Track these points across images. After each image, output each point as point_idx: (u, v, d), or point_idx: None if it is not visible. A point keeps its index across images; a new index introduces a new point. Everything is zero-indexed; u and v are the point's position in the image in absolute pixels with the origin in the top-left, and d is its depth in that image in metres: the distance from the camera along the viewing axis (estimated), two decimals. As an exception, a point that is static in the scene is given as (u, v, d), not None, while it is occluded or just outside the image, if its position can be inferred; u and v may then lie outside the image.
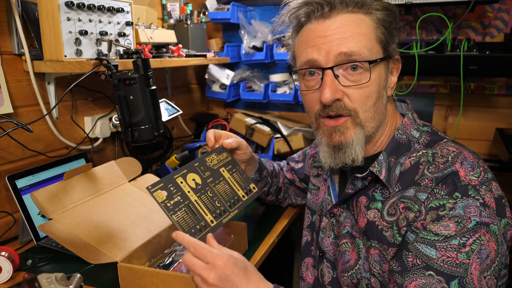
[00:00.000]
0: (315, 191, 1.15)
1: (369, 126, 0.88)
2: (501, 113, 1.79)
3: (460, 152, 0.85)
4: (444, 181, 0.81)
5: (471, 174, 0.81)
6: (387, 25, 0.88)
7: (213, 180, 1.00)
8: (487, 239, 0.76)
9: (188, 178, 0.95)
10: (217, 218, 0.93)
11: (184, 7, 1.94)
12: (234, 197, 1.01)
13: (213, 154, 1.06)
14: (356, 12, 0.87)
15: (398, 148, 0.91)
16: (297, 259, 2.03)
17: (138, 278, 0.96)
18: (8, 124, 1.17)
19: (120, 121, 1.09)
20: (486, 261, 0.76)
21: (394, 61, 0.93)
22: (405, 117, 0.94)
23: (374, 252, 0.88)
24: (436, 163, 0.84)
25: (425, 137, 0.91)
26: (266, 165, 1.31)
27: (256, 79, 2.10)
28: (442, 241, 0.77)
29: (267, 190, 1.34)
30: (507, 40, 1.68)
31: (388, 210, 0.88)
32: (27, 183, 1.26)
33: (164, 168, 1.67)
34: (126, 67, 1.20)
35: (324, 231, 1.04)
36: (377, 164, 0.90)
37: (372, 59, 0.85)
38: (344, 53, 0.84)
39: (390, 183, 0.88)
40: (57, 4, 1.14)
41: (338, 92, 0.86)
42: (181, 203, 0.89)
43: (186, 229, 0.86)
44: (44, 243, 1.23)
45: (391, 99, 0.95)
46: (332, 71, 0.85)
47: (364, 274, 0.91)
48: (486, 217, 0.77)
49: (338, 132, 0.88)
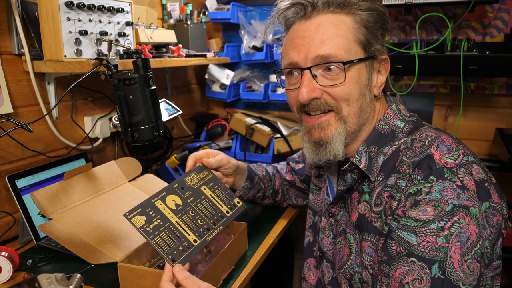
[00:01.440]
0: (317, 191, 1.15)
1: (351, 122, 0.90)
2: (501, 113, 1.79)
3: (438, 137, 0.86)
4: (419, 166, 0.81)
5: (446, 157, 0.81)
6: (370, 26, 0.89)
7: (194, 199, 1.00)
8: (466, 222, 0.76)
9: (167, 200, 0.96)
10: (201, 237, 0.93)
11: (184, 7, 1.94)
12: (217, 214, 1.01)
13: (193, 174, 1.06)
14: (338, 13, 0.89)
15: (380, 138, 0.92)
16: (297, 259, 2.03)
17: (138, 278, 0.96)
18: (8, 124, 1.17)
19: (120, 121, 1.09)
20: (466, 244, 0.75)
21: (380, 61, 0.93)
22: (388, 109, 0.95)
23: (365, 245, 0.89)
24: (413, 148, 0.86)
25: (408, 126, 0.93)
26: (257, 171, 1.32)
27: (256, 79, 2.10)
28: (421, 226, 0.77)
29: (262, 195, 1.35)
30: (507, 40, 1.68)
31: (375, 201, 0.89)
32: (27, 183, 1.26)
33: (164, 168, 1.67)
34: (126, 67, 1.20)
35: (323, 231, 1.04)
36: (356, 155, 0.92)
37: (349, 60, 0.87)
38: (321, 56, 0.87)
39: (370, 171, 0.90)
40: (57, 4, 1.14)
41: (316, 91, 0.89)
42: (161, 226, 0.89)
43: (168, 252, 0.85)
44: (44, 243, 1.23)
45: (380, 98, 0.95)
46: (310, 71, 0.89)
47: (356, 269, 0.91)
48: (465, 200, 0.77)
49: (318, 129, 0.91)
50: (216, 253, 1.04)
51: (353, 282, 0.92)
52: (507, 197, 1.69)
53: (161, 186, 1.30)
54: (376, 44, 0.91)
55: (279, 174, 1.40)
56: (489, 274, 0.83)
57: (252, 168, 1.32)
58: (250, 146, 1.97)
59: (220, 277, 1.04)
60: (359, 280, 0.91)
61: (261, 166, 1.38)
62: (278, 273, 1.92)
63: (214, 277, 1.00)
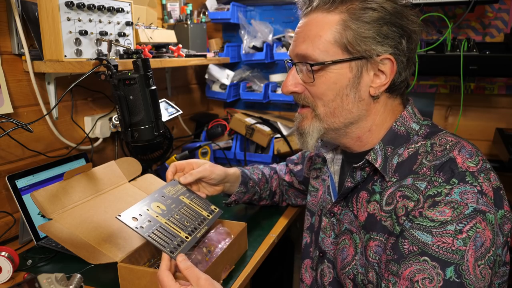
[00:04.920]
0: (315, 193, 1.15)
1: (328, 120, 0.92)
2: (501, 113, 1.79)
3: (459, 142, 0.85)
4: (441, 168, 0.81)
5: (469, 161, 0.81)
6: (364, 25, 0.85)
7: (176, 206, 1.04)
8: (482, 227, 0.76)
9: (152, 206, 1.00)
10: (191, 234, 0.98)
11: (184, 7, 1.94)
12: (200, 217, 1.06)
13: (169, 187, 1.10)
14: (329, 12, 0.88)
15: (395, 139, 0.92)
16: (297, 259, 2.03)
17: (138, 278, 0.96)
18: (8, 124, 1.17)
19: (120, 121, 1.09)
20: (480, 249, 0.75)
21: (377, 61, 0.88)
22: (404, 111, 0.95)
23: (373, 244, 0.88)
24: (434, 152, 0.85)
25: (424, 130, 0.92)
26: (253, 175, 1.33)
27: (256, 79, 2.10)
28: (438, 227, 0.77)
29: (258, 198, 1.36)
30: (507, 40, 1.68)
31: (386, 200, 0.88)
32: (27, 183, 1.26)
33: (164, 168, 1.67)
34: (126, 67, 1.20)
35: (324, 231, 1.04)
36: (373, 153, 0.91)
37: (320, 61, 0.88)
38: (299, 55, 0.91)
39: (386, 171, 0.89)
40: (57, 4, 1.14)
41: (297, 86, 0.93)
42: (153, 226, 0.93)
43: (165, 246, 0.89)
44: (44, 243, 1.23)
45: (377, 98, 0.92)
46: (296, 66, 0.93)
47: (360, 270, 0.91)
48: (483, 205, 0.77)
49: (299, 118, 0.97)
50: (216, 253, 1.04)
51: (357, 282, 0.92)
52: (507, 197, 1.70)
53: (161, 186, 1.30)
54: (372, 45, 0.86)
55: (277, 175, 1.40)
56: (496, 282, 0.83)
57: (247, 172, 1.32)
58: (250, 146, 1.97)
59: (220, 277, 1.04)
60: (361, 281, 0.91)
61: (257, 169, 1.38)
62: (278, 273, 1.92)
63: (214, 277, 0.99)
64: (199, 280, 0.81)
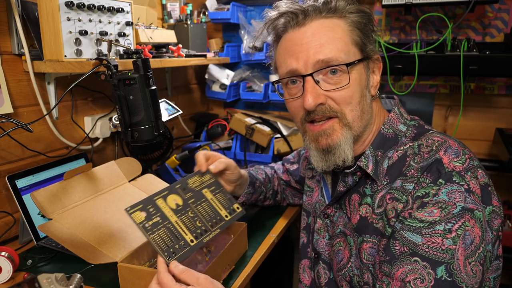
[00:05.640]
0: (310, 192, 1.16)
1: (356, 126, 0.90)
2: (501, 113, 1.79)
3: (445, 141, 0.86)
4: (428, 170, 0.82)
5: (455, 161, 0.82)
6: (362, 27, 0.90)
7: (195, 201, 1.01)
8: (471, 225, 0.76)
9: (168, 199, 0.97)
10: (198, 238, 0.94)
11: (184, 7, 1.94)
12: (216, 217, 1.02)
13: (196, 176, 1.07)
14: (330, 17, 0.89)
15: (384, 142, 0.93)
16: (297, 259, 2.03)
17: (138, 278, 0.96)
18: (8, 124, 1.17)
19: (120, 121, 1.09)
20: (470, 247, 0.76)
21: (374, 61, 0.94)
22: (391, 112, 0.96)
23: (367, 246, 0.89)
24: (421, 153, 0.86)
25: (412, 131, 0.93)
26: (258, 175, 1.33)
27: (256, 79, 2.10)
28: (427, 227, 0.78)
29: (263, 198, 1.36)
30: (507, 40, 1.68)
31: (378, 203, 0.89)
32: (27, 183, 1.26)
33: (164, 168, 1.67)
34: (126, 67, 1.20)
35: (318, 232, 1.04)
36: (364, 159, 0.91)
37: (350, 61, 0.87)
38: (321, 61, 0.87)
39: (377, 176, 0.90)
40: (57, 4, 1.14)
41: (320, 97, 0.88)
42: (160, 224, 0.91)
43: (164, 249, 0.87)
44: (44, 243, 1.23)
45: (376, 98, 0.96)
46: (312, 77, 0.88)
47: (356, 271, 0.92)
48: (471, 203, 0.78)
49: (325, 135, 0.90)
50: (216, 253, 1.04)
51: (353, 284, 0.92)
52: (507, 197, 1.69)
53: (161, 186, 1.30)
54: (370, 45, 0.92)
55: (277, 174, 1.40)
56: (491, 276, 0.83)
57: (253, 173, 1.32)
58: (250, 146, 1.97)
59: (220, 277, 1.04)
60: (357, 283, 0.91)
61: (260, 169, 1.38)
62: (278, 273, 1.92)
63: (214, 277, 0.99)
64: (199, 279, 0.82)
